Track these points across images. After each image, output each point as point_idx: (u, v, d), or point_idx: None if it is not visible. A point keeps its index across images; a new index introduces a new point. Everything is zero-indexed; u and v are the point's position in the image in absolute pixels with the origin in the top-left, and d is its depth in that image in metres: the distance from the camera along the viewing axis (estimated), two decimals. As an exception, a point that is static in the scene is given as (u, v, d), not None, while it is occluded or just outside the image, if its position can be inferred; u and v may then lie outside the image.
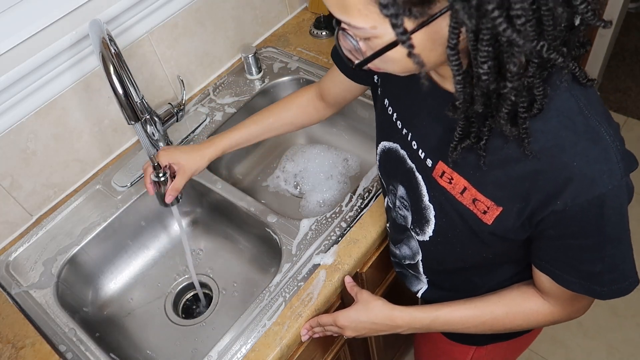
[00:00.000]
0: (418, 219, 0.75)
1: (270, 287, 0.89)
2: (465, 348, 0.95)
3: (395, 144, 0.74)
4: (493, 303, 0.75)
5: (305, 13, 1.44)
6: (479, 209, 0.64)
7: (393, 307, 0.80)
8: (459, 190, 0.65)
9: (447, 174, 0.66)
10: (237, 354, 0.83)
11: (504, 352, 0.96)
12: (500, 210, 0.62)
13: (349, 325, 0.82)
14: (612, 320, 1.79)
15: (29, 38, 0.89)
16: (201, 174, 1.09)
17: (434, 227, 0.73)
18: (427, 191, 0.70)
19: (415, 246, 0.81)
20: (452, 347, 0.96)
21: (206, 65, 1.27)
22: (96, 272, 1.08)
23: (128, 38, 1.05)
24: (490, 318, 0.75)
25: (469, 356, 0.96)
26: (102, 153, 1.13)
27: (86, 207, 1.07)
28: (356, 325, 0.82)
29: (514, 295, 0.74)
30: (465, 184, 0.64)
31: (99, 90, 1.05)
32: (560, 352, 1.75)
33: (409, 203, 0.76)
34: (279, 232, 0.97)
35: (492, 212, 0.63)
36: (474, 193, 0.63)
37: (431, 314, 0.78)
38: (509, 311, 0.73)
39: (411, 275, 0.90)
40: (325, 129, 1.32)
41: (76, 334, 0.89)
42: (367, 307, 0.81)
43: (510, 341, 0.92)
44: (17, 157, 0.98)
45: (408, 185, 0.74)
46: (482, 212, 0.64)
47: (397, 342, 1.51)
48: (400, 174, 0.75)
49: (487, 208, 0.63)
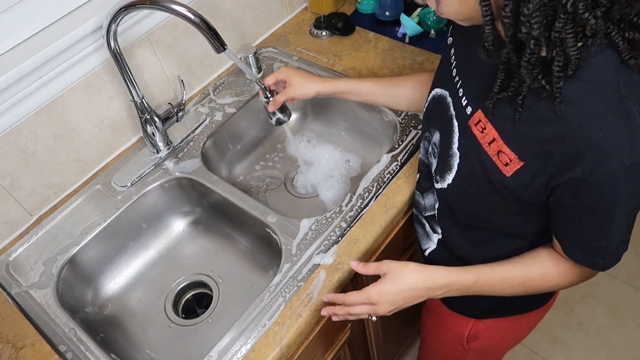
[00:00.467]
0: (442, 165, 0.78)
1: (270, 287, 0.89)
2: (464, 320, 0.97)
3: (446, 91, 0.78)
4: (529, 264, 0.76)
5: (305, 13, 1.44)
6: (502, 160, 0.67)
7: (430, 268, 0.78)
8: (488, 140, 0.68)
9: (482, 123, 0.69)
10: (237, 354, 0.83)
11: (503, 330, 0.98)
12: (521, 165, 0.65)
13: (386, 300, 0.77)
14: (612, 320, 1.79)
15: (29, 38, 0.90)
16: (201, 174, 1.09)
17: (455, 175, 0.75)
18: (459, 138, 0.74)
19: (435, 195, 0.84)
20: (453, 319, 0.98)
21: (206, 65, 1.27)
22: (96, 272, 1.08)
23: (128, 38, 1.05)
24: (528, 279, 0.76)
25: (467, 329, 0.98)
26: (102, 153, 1.13)
27: (86, 207, 1.07)
28: (394, 298, 0.77)
29: (545, 257, 0.75)
30: (495, 134, 0.67)
31: (99, 90, 1.05)
32: (560, 352, 1.75)
33: (438, 150, 0.79)
34: (279, 232, 0.97)
35: (513, 165, 0.65)
36: (500, 145, 0.66)
37: (473, 274, 0.77)
38: (544, 272, 0.75)
39: (423, 233, 0.93)
40: (325, 129, 1.32)
41: (76, 334, 0.89)
42: (403, 274, 0.77)
43: (509, 318, 0.94)
44: (17, 157, 0.98)
45: (443, 132, 0.77)
46: (504, 164, 0.67)
47: (397, 343, 1.51)
48: (440, 119, 0.78)
49: (509, 160, 0.66)
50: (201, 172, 1.10)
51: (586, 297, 1.84)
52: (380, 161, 1.05)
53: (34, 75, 0.93)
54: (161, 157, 1.13)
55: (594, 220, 0.64)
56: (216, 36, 0.86)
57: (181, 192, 1.14)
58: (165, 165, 1.12)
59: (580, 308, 1.82)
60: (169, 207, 1.16)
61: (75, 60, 0.98)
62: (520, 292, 0.78)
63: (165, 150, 1.13)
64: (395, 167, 1.03)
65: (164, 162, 1.13)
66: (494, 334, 0.98)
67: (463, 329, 0.98)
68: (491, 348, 1.04)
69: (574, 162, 0.59)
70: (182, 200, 1.16)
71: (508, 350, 1.10)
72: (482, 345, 1.00)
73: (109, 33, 0.91)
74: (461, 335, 0.99)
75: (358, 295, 0.79)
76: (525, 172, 0.65)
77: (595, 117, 0.57)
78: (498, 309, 0.93)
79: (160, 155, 1.13)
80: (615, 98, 0.57)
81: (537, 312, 0.95)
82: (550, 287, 0.77)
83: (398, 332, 1.46)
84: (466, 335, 0.98)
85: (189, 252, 1.16)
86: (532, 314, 0.95)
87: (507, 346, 1.08)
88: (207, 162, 1.14)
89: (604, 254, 0.68)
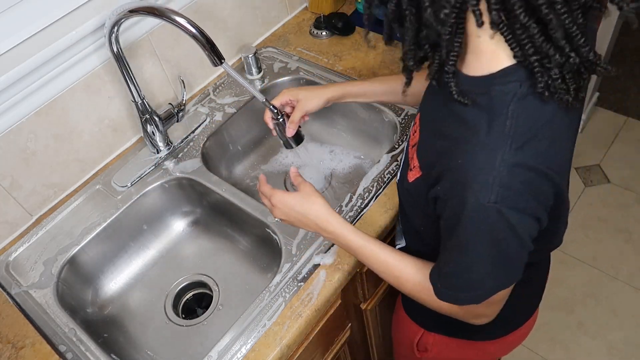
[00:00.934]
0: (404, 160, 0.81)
1: (270, 287, 0.89)
2: (415, 327, 0.97)
3: None
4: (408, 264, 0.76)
5: (305, 13, 1.44)
6: (410, 165, 0.70)
7: (331, 212, 0.81)
8: (412, 143, 0.72)
9: (416, 125, 0.72)
10: (237, 354, 0.83)
11: (450, 352, 0.96)
12: (420, 174, 0.67)
13: (281, 209, 0.82)
14: (612, 320, 1.79)
15: (29, 38, 0.89)
16: (201, 174, 1.09)
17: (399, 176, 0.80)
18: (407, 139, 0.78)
19: None
20: (407, 323, 0.99)
21: (206, 65, 1.26)
22: (96, 272, 1.08)
23: (128, 38, 1.05)
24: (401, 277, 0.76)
25: (417, 337, 0.98)
26: (102, 153, 1.13)
27: (86, 207, 1.07)
28: (288, 212, 0.82)
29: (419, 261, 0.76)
30: (417, 140, 0.70)
31: (99, 90, 1.05)
32: (560, 352, 1.75)
33: None
34: (278, 232, 0.97)
35: (415, 172, 0.68)
36: (414, 151, 0.70)
37: (361, 242, 0.79)
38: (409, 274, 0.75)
39: (399, 230, 0.95)
40: (325, 129, 1.32)
41: (76, 334, 0.89)
42: (307, 200, 0.81)
43: (456, 341, 0.93)
44: (17, 157, 0.98)
45: None
46: (410, 169, 0.70)
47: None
48: None
49: (413, 167, 0.70)
50: (201, 172, 1.10)
51: (586, 297, 1.84)
52: (380, 161, 1.05)
53: (34, 75, 0.93)
54: (161, 157, 1.13)
55: (446, 237, 0.64)
56: (213, 49, 0.85)
57: (181, 192, 1.14)
58: (165, 165, 1.12)
59: (580, 308, 1.82)
60: (169, 207, 1.16)
61: (75, 60, 0.98)
62: (393, 284, 0.79)
63: (166, 150, 1.13)
64: (395, 167, 1.03)
65: (164, 162, 1.13)
66: (441, 352, 0.96)
67: (414, 336, 0.98)
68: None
69: (438, 180, 0.61)
70: (182, 200, 1.16)
71: None
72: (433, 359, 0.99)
73: (111, 34, 0.91)
74: (412, 341, 0.99)
75: (266, 189, 0.85)
76: (421, 183, 0.67)
77: (467, 143, 0.57)
78: (444, 327, 0.91)
79: (161, 155, 1.13)
80: (494, 132, 0.55)
81: (490, 344, 0.93)
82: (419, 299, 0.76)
83: (398, 332, 1.45)
84: (416, 342, 0.98)
85: (189, 252, 1.16)
86: (482, 345, 0.93)
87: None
88: (207, 162, 1.14)
89: (447, 282, 0.66)
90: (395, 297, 1.07)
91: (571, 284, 1.88)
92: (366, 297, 1.09)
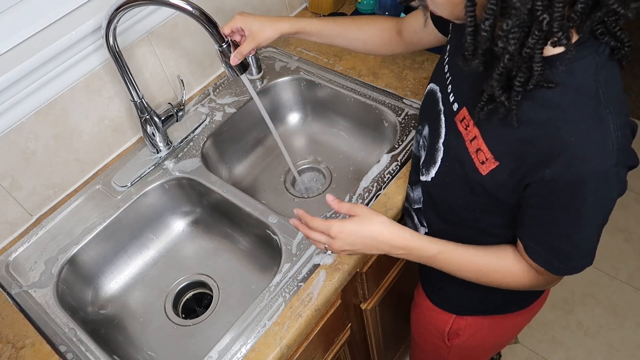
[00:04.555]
0: (428, 158, 0.79)
1: (270, 287, 0.90)
2: (445, 315, 0.98)
3: (437, 86, 0.79)
4: (491, 255, 0.76)
5: (305, 13, 1.44)
6: (479, 158, 0.68)
7: (399, 227, 0.76)
8: (470, 138, 0.69)
9: (466, 120, 0.70)
10: (237, 354, 0.83)
11: (484, 330, 0.98)
12: (497, 164, 0.66)
13: (344, 238, 0.74)
14: (612, 320, 1.79)
15: (29, 38, 0.90)
16: (201, 174, 1.09)
17: (437, 170, 0.76)
18: (445, 133, 0.75)
19: (421, 188, 0.86)
20: (436, 313, 0.99)
21: (206, 65, 1.27)
22: (96, 272, 1.08)
23: (128, 38, 1.05)
24: (485, 269, 0.76)
25: (448, 324, 0.99)
26: (102, 153, 1.13)
27: (86, 207, 1.07)
28: (353, 240, 0.75)
29: (508, 253, 0.75)
30: (477, 132, 0.68)
31: (99, 90, 1.05)
32: (560, 352, 1.75)
33: (427, 143, 0.81)
34: (278, 232, 0.97)
35: (489, 164, 0.67)
36: (480, 143, 0.68)
37: (436, 247, 0.76)
38: (502, 267, 0.75)
39: (412, 226, 0.94)
40: (325, 129, 1.32)
41: (76, 334, 0.89)
42: (371, 221, 0.75)
43: (490, 318, 0.95)
44: (17, 157, 0.98)
45: (432, 126, 0.79)
46: (481, 162, 0.68)
47: (397, 343, 1.51)
48: (431, 114, 0.80)
49: (485, 159, 0.67)
50: (201, 172, 1.10)
51: (586, 297, 1.84)
52: (380, 161, 1.05)
53: (34, 75, 0.93)
54: (161, 157, 1.13)
55: (560, 221, 0.65)
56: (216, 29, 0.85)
57: (181, 192, 1.14)
58: (165, 165, 1.12)
59: (580, 308, 1.82)
60: (169, 207, 1.16)
61: (75, 60, 0.98)
62: (474, 279, 0.78)
63: (165, 150, 1.13)
64: (395, 167, 1.03)
65: (164, 162, 1.13)
66: (475, 333, 0.98)
67: (444, 324, 0.99)
68: (473, 348, 1.04)
69: (545, 165, 0.60)
70: (182, 200, 1.16)
71: (491, 353, 1.10)
72: (463, 344, 1.01)
73: (107, 34, 0.91)
74: (442, 331, 1.00)
75: (321, 223, 0.76)
76: (500, 172, 0.66)
77: (569, 122, 0.58)
78: (479, 307, 0.93)
79: (160, 155, 1.13)
80: (592, 104, 0.58)
81: (519, 315, 0.95)
82: (503, 284, 0.77)
83: (398, 332, 1.45)
84: (447, 330, 0.99)
85: (189, 252, 1.16)
86: (513, 316, 0.95)
87: (490, 348, 1.07)
88: (207, 162, 1.14)
89: (564, 258, 0.68)
90: (396, 297, 1.07)
91: (571, 283, 1.88)
92: (366, 297, 1.09)
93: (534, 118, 0.60)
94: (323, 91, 1.26)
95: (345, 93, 1.21)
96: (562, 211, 0.63)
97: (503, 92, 0.58)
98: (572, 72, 0.58)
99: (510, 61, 0.54)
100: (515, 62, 0.55)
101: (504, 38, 0.52)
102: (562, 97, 0.59)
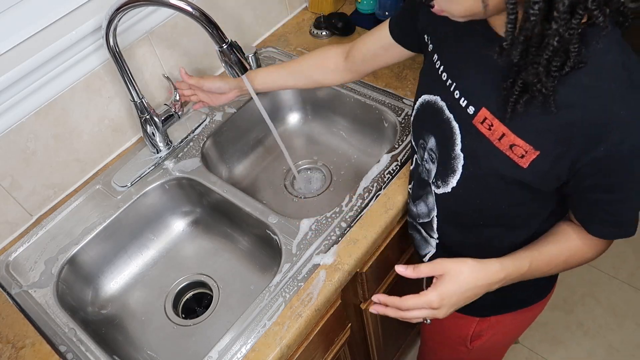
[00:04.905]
0: (443, 170, 0.78)
1: (270, 287, 0.90)
2: (468, 320, 0.97)
3: (436, 96, 0.78)
4: (565, 241, 0.76)
5: (305, 13, 1.44)
6: (517, 153, 0.67)
7: (486, 262, 0.74)
8: (497, 137, 0.68)
9: (489, 120, 0.68)
10: (237, 354, 0.83)
11: (506, 326, 0.98)
12: (537, 154, 0.65)
13: (448, 303, 0.72)
14: (612, 320, 1.79)
15: (29, 38, 0.89)
16: (201, 174, 1.09)
17: (459, 177, 0.75)
18: (461, 140, 0.73)
19: (432, 202, 0.84)
20: (456, 320, 0.97)
21: (206, 65, 1.27)
22: (96, 272, 1.08)
23: (128, 38, 1.05)
24: (569, 255, 0.76)
25: (471, 328, 0.98)
26: (102, 153, 1.13)
27: (86, 207, 1.07)
28: (457, 300, 0.73)
29: (571, 234, 0.76)
30: (504, 130, 0.66)
31: (99, 90, 1.05)
32: (560, 352, 1.75)
33: (436, 155, 0.79)
34: (279, 232, 0.97)
35: (530, 155, 0.65)
36: (512, 138, 0.66)
37: (526, 260, 0.75)
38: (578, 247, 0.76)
39: (420, 238, 0.93)
40: (325, 129, 1.32)
41: (76, 334, 0.89)
42: (461, 272, 0.72)
43: (513, 313, 0.94)
44: (17, 157, 0.98)
45: (441, 136, 0.77)
46: (520, 157, 0.66)
47: (397, 343, 1.51)
48: (434, 125, 0.78)
49: (525, 152, 0.66)
50: (201, 172, 1.10)
51: (586, 297, 1.84)
52: (380, 161, 1.05)
53: (34, 75, 0.93)
54: (161, 157, 1.13)
55: (620, 196, 0.66)
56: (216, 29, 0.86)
57: (181, 192, 1.14)
58: (165, 165, 1.12)
59: (580, 308, 1.82)
60: (169, 207, 1.16)
61: (75, 60, 0.98)
62: (561, 269, 0.78)
63: (165, 150, 1.13)
64: (395, 167, 1.03)
65: (164, 162, 1.13)
66: (497, 331, 0.98)
67: (467, 330, 0.98)
68: (494, 344, 1.04)
69: (597, 142, 0.60)
70: (182, 200, 1.16)
71: (510, 344, 1.10)
72: (485, 343, 1.00)
73: (107, 34, 0.91)
74: (465, 336, 0.99)
75: (416, 300, 0.72)
76: (543, 160, 0.65)
77: (615, 97, 0.59)
78: (503, 305, 0.92)
79: (160, 155, 1.13)
80: (624, 75, 0.59)
81: (539, 305, 0.96)
82: (580, 263, 0.78)
83: (398, 332, 1.46)
84: (470, 335, 0.98)
85: (189, 252, 1.16)
86: (533, 308, 0.95)
87: (510, 341, 1.08)
88: (207, 162, 1.14)
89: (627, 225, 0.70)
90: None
91: (571, 283, 1.88)
92: (366, 297, 1.09)
93: (573, 100, 0.60)
94: (323, 91, 1.26)
95: (345, 93, 1.21)
96: (622, 184, 0.64)
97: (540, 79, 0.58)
98: (599, 50, 0.59)
99: (560, 43, 0.54)
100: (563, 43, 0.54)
101: (559, 19, 0.52)
102: (596, 75, 0.59)
